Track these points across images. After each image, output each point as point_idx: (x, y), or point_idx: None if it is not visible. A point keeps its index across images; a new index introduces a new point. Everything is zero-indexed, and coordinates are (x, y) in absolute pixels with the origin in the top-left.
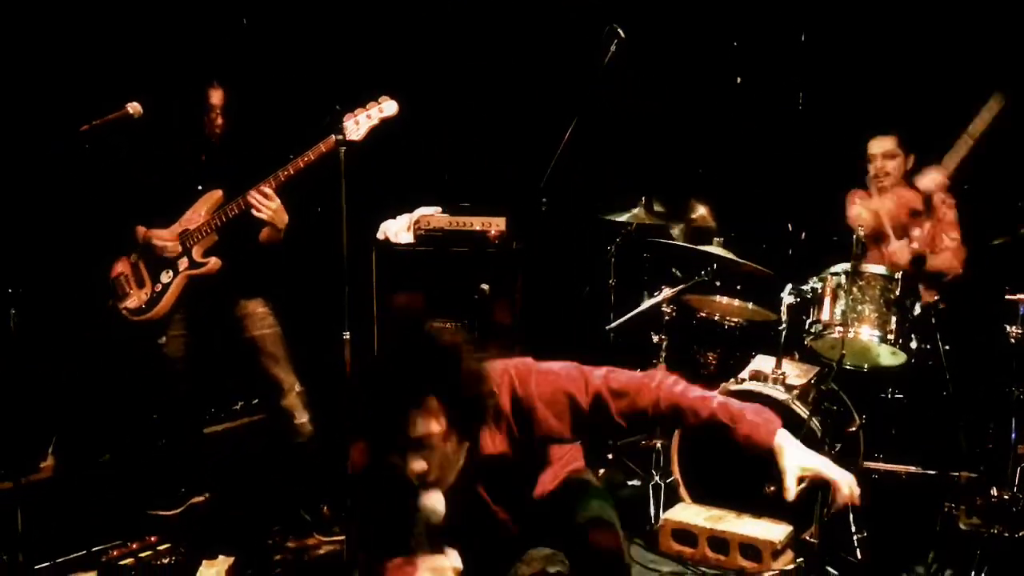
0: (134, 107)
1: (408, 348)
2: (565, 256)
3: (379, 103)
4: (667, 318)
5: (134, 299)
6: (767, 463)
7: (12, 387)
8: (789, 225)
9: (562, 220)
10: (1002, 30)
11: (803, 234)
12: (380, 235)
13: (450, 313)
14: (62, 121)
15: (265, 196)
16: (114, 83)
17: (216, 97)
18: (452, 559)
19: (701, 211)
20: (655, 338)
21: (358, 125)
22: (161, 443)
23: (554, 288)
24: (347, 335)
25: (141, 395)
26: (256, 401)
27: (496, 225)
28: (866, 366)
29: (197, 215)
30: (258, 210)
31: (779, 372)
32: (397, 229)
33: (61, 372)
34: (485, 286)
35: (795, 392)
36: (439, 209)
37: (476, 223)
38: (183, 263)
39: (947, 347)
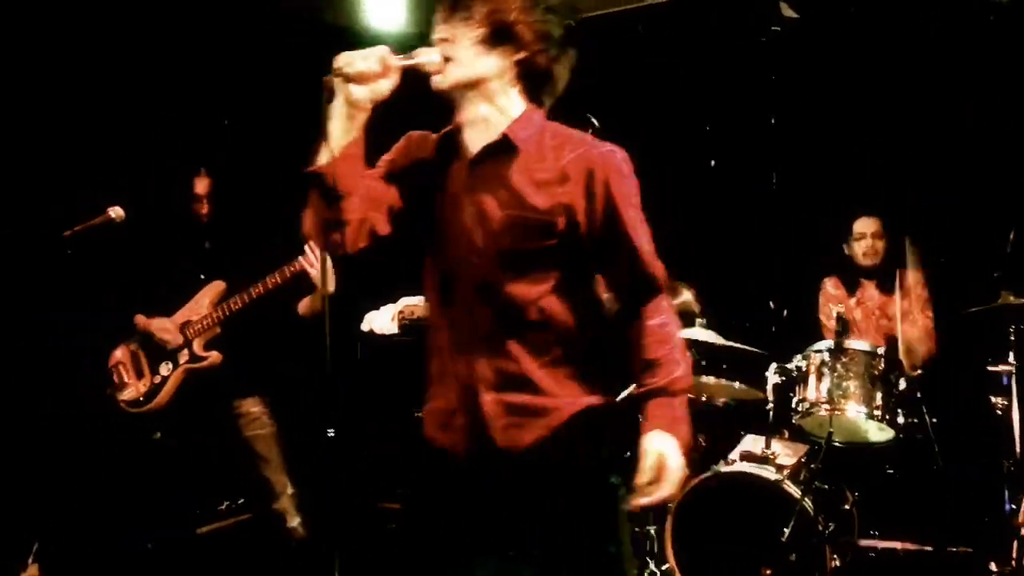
0: (116, 212)
1: None
2: None
3: None
4: None
5: (131, 390)
6: (764, 546)
7: None
8: (771, 303)
9: None
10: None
11: (785, 312)
12: (365, 327)
13: None
14: (47, 223)
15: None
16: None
17: (201, 186)
18: None
19: (686, 295)
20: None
21: None
22: (150, 545)
23: None
24: (331, 432)
25: (133, 493)
26: (241, 501)
27: None
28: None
29: (199, 306)
30: (312, 265)
31: (769, 452)
32: (381, 320)
33: (51, 469)
34: None
35: (786, 472)
36: (423, 299)
37: None
38: (183, 356)
39: (934, 420)
